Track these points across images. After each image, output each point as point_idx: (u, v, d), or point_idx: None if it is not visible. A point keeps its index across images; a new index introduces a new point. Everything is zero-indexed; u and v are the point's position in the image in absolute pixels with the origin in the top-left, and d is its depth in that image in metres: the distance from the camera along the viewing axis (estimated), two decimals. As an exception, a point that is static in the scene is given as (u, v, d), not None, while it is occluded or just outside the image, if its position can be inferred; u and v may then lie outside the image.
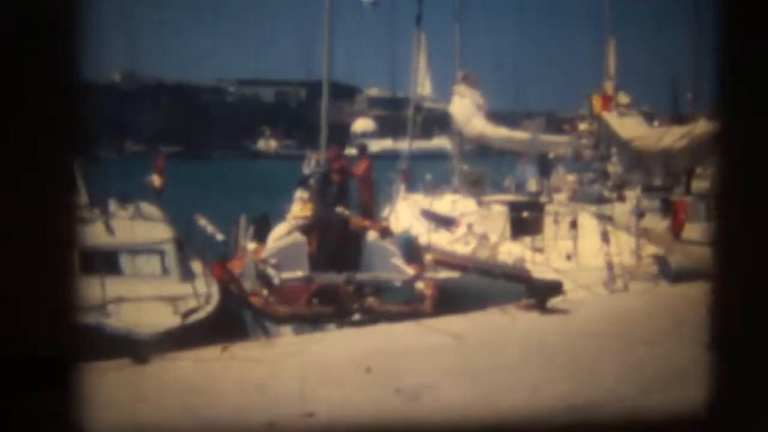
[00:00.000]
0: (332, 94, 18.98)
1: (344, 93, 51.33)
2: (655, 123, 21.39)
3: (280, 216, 15.11)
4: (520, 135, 19.60)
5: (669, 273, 12.07)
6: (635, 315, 9.68)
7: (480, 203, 16.34)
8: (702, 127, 17.91)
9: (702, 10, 19.26)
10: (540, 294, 9.80)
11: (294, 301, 11.93)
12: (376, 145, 24.55)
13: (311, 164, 15.59)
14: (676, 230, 13.86)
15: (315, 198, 14.70)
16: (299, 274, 12.76)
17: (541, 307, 9.63)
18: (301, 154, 18.57)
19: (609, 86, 19.82)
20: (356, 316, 11.06)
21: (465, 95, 19.66)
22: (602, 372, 6.77)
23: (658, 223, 14.39)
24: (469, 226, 14.72)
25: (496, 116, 21.30)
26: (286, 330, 11.01)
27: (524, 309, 9.64)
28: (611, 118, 18.64)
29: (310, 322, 11.04)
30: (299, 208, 14.74)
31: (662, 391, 5.51)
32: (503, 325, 9.09)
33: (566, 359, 7.41)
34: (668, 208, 14.87)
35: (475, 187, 18.33)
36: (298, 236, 13.94)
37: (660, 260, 12.53)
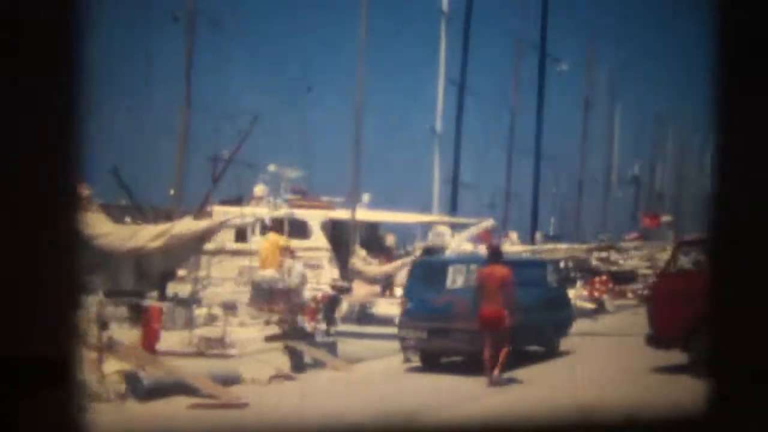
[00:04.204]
0: None
1: None
2: (127, 219, 20.77)
3: None
4: None
5: (141, 390, 11.27)
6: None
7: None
8: (182, 225, 17.79)
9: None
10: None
11: None
12: None
13: None
14: (150, 341, 13.11)
15: None
16: None
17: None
18: None
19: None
20: None
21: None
22: None
23: (126, 333, 13.44)
24: None
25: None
26: None
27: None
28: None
29: None
30: None
31: None
32: None
33: None
34: (139, 316, 14.16)
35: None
36: None
37: (130, 377, 11.52)
